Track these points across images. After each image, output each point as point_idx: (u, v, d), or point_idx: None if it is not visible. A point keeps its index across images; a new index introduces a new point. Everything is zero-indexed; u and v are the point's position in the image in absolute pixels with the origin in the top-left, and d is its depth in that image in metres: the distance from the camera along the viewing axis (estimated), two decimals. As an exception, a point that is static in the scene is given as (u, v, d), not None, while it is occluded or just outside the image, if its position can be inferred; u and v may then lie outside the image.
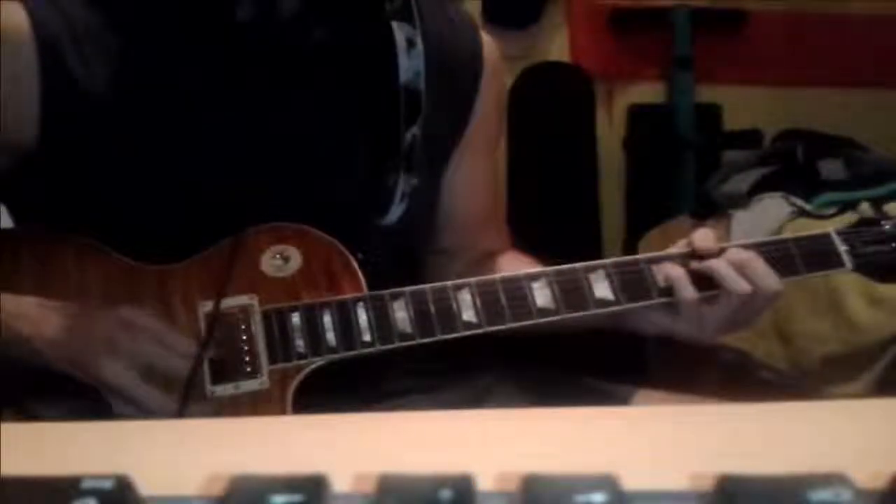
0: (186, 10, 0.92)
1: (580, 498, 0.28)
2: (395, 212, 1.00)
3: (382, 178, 0.98)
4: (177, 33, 0.92)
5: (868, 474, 0.29)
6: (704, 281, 0.91)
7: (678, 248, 0.95)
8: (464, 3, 2.64)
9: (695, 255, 0.93)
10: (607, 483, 0.28)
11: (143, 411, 0.84)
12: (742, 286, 0.90)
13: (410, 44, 0.98)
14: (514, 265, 1.02)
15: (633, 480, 0.29)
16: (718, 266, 0.91)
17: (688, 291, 0.91)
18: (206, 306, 0.88)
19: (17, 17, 0.87)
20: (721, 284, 0.90)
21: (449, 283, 0.91)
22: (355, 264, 0.92)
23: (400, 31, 0.98)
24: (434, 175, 1.04)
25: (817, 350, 1.86)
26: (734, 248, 0.93)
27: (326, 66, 0.96)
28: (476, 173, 1.09)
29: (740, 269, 0.91)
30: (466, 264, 1.06)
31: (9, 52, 0.86)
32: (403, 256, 1.06)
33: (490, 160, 1.12)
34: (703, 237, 0.94)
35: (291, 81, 0.94)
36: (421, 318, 0.89)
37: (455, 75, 1.04)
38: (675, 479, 0.32)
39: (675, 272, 0.92)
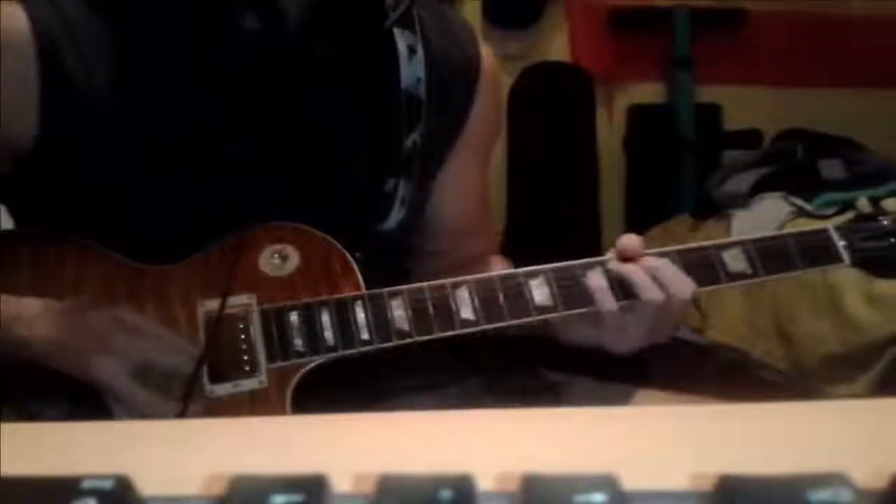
0: (188, 14, 0.92)
1: (580, 498, 0.28)
2: (395, 217, 1.00)
3: (383, 183, 0.98)
4: (176, 36, 0.92)
5: (868, 474, 0.29)
6: (626, 291, 0.90)
7: (609, 255, 0.93)
8: (464, 3, 2.64)
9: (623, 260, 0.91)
10: (607, 483, 0.28)
11: (135, 413, 0.84)
12: (655, 294, 0.88)
13: (411, 51, 0.98)
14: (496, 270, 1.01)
15: (633, 480, 0.29)
16: (633, 272, 0.89)
17: (608, 302, 0.89)
18: (206, 306, 0.88)
19: (17, 18, 0.87)
20: (636, 292, 0.89)
21: (447, 281, 0.91)
22: (353, 263, 0.92)
23: (401, 39, 0.98)
24: (429, 180, 1.05)
25: (817, 350, 1.86)
26: (649, 255, 0.91)
27: (328, 71, 0.96)
28: (466, 179, 1.09)
29: (653, 275, 0.89)
30: (449, 267, 1.06)
31: (8, 53, 0.86)
32: (401, 255, 1.06)
33: (481, 167, 1.12)
34: (629, 241, 0.92)
35: (292, 86, 0.94)
36: (419, 316, 0.89)
37: (453, 83, 1.04)
38: (675, 479, 0.32)
39: (596, 282, 0.90)
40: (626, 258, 0.91)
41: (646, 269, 0.89)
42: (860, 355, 1.79)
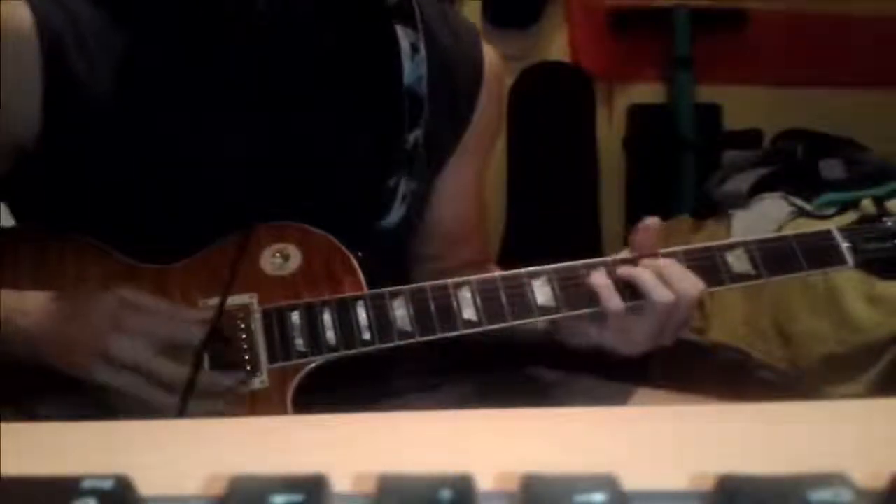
0: (189, 11, 0.92)
1: (580, 498, 0.28)
2: (396, 214, 1.00)
3: (384, 180, 0.98)
4: (179, 32, 0.92)
5: (868, 474, 0.29)
6: (633, 292, 0.89)
7: (623, 254, 0.93)
8: (464, 3, 2.64)
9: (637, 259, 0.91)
10: (607, 483, 0.28)
11: (156, 387, 0.82)
12: (664, 294, 0.87)
13: (414, 49, 0.98)
14: None
15: (633, 480, 0.29)
16: (640, 273, 0.89)
17: (614, 301, 0.89)
18: (207, 305, 0.88)
19: (21, 15, 0.87)
20: (644, 293, 0.88)
21: (449, 281, 0.91)
22: (355, 263, 0.92)
23: (403, 36, 0.98)
24: (431, 179, 1.05)
25: (817, 350, 1.86)
26: (653, 256, 0.90)
27: (331, 68, 0.96)
28: (466, 181, 1.09)
29: (660, 275, 0.88)
30: (443, 271, 1.05)
31: (11, 50, 0.86)
32: (403, 254, 1.06)
33: (477, 172, 1.12)
34: (650, 222, 0.92)
35: (294, 83, 0.95)
36: (421, 316, 0.89)
37: (456, 82, 1.04)
38: (675, 479, 0.32)
39: (600, 281, 0.89)
40: (641, 244, 0.91)
41: (652, 270, 0.89)
42: (860, 355, 1.79)
